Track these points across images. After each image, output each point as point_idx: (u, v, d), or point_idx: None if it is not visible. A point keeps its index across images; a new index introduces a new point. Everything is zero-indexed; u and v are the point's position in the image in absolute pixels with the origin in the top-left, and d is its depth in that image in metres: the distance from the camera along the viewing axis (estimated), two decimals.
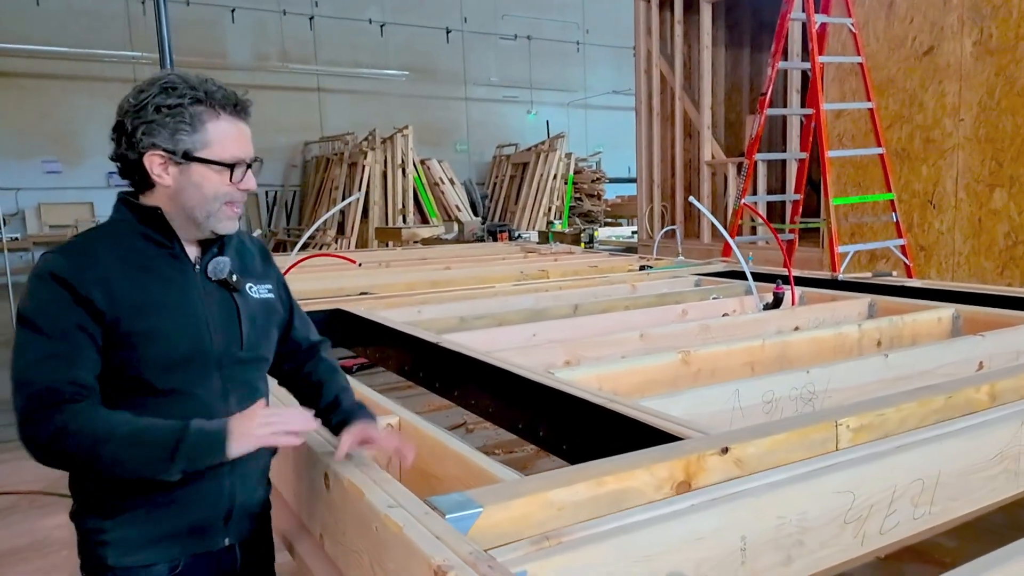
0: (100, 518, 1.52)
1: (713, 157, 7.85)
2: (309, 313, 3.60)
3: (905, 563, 2.96)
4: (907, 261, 5.32)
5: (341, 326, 3.51)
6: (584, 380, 2.23)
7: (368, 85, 17.05)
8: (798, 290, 3.63)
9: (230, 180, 1.52)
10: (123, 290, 1.45)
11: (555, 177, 14.32)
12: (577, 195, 14.68)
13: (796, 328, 3.13)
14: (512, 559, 1.12)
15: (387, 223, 13.59)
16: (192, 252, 1.59)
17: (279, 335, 1.75)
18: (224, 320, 1.57)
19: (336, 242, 13.90)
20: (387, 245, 10.61)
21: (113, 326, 1.43)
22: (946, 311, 3.10)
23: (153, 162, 1.48)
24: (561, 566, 1.13)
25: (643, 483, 1.43)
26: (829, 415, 1.69)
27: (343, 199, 14.22)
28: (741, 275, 3.76)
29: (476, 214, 11.46)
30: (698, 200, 6.28)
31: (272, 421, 1.43)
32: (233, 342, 1.57)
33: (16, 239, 15.47)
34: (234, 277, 1.61)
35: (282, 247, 14.88)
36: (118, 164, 1.53)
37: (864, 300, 3.47)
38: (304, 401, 1.75)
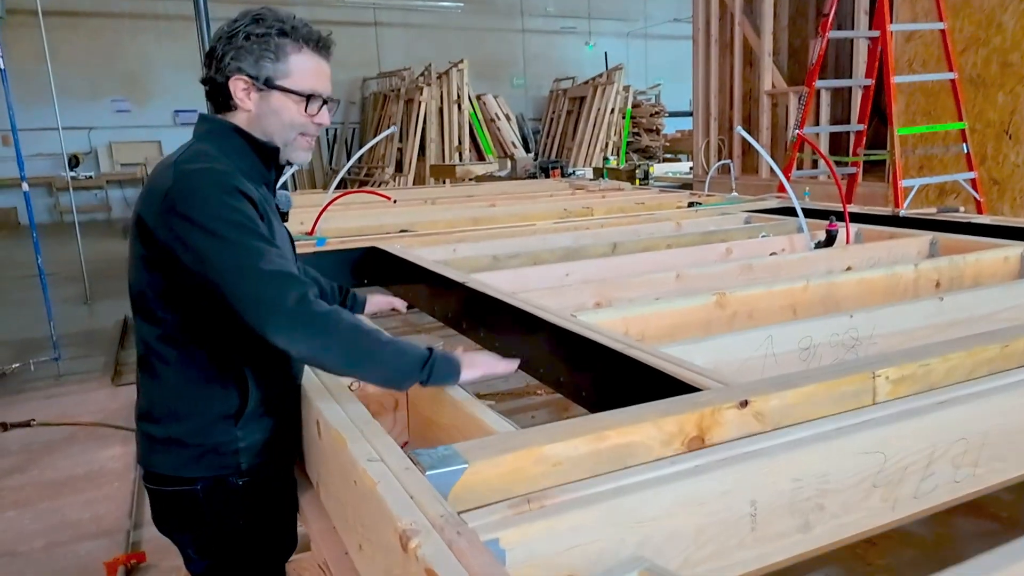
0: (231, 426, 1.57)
1: (774, 86, 7.43)
2: (346, 251, 3.59)
3: (956, 517, 2.79)
4: (978, 196, 4.97)
5: (377, 264, 3.44)
6: (609, 324, 2.10)
7: (424, 18, 16.76)
8: (854, 227, 3.39)
9: (305, 111, 1.60)
10: (264, 211, 1.54)
11: (612, 111, 13.91)
12: (635, 130, 14.26)
13: (848, 268, 2.92)
14: (486, 524, 1.02)
15: (444, 161, 13.47)
16: None
17: None
18: (290, 251, 1.71)
19: (394, 180, 13.87)
20: (444, 183, 10.51)
21: None
22: (1015, 250, 2.85)
23: (237, 86, 1.56)
24: (539, 532, 1.02)
25: (649, 438, 1.31)
26: (866, 365, 1.53)
27: (401, 136, 14.12)
28: (795, 211, 3.53)
29: (528, 151, 11.21)
30: (756, 134, 5.98)
31: (495, 357, 1.66)
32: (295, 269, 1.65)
33: (90, 177, 15.89)
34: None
35: (342, 185, 14.91)
36: (207, 86, 1.61)
37: (925, 238, 3.21)
38: None
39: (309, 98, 1.59)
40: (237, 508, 1.59)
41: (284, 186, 1.86)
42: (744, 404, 1.39)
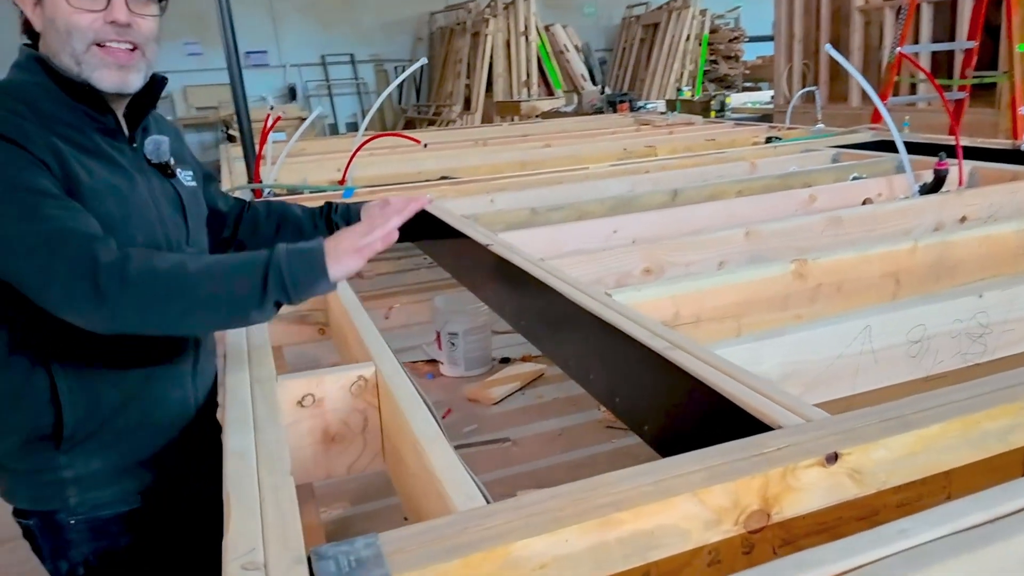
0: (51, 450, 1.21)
1: (867, 1, 6.56)
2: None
3: None
4: None
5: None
6: (654, 304, 1.63)
7: None
8: (967, 165, 2.77)
9: (68, 3, 1.15)
10: (70, 165, 1.13)
11: (688, 38, 12.93)
12: (712, 57, 13.27)
13: (962, 219, 2.34)
14: None
15: (512, 97, 12.85)
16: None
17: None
18: (170, 210, 1.34)
19: (461, 118, 13.37)
20: (512, 120, 9.97)
21: None
22: None
23: (25, 2, 1.19)
24: None
25: (685, 518, 0.86)
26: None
27: (467, 72, 13.54)
28: (892, 146, 2.92)
29: (595, 83, 10.48)
30: (846, 58, 5.24)
31: (371, 228, 1.18)
32: (180, 235, 1.35)
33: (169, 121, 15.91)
34: (172, 161, 1.37)
35: (411, 125, 14.51)
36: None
37: None
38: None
39: None
40: (70, 554, 1.24)
41: (179, 135, 1.44)
42: (832, 459, 0.92)
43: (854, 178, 2.86)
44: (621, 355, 1.38)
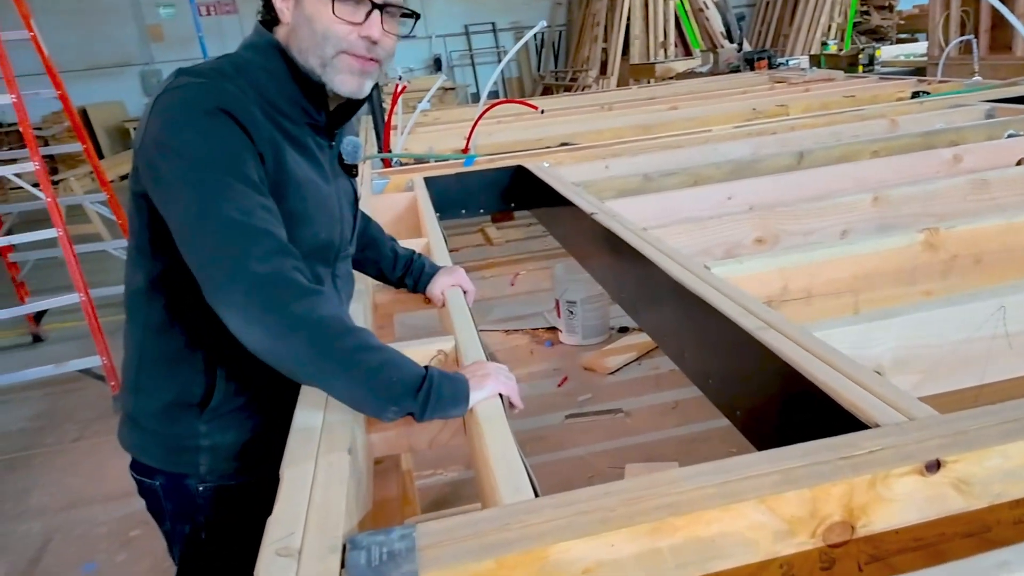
0: (194, 419, 1.22)
1: None
2: (491, 171, 3.12)
3: None
4: None
5: (521, 185, 2.94)
6: (758, 277, 1.48)
7: None
8: None
9: (334, 12, 1.13)
10: (283, 156, 1.15)
11: None
12: (863, 8, 12.24)
13: None
14: None
15: (648, 59, 12.42)
16: None
17: None
18: (347, 210, 1.35)
19: (597, 83, 13.09)
20: (647, 83, 9.63)
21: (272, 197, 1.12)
22: None
23: None
24: None
25: (751, 526, 0.75)
26: None
27: (603, 35, 13.21)
28: None
29: (732, 41, 9.86)
30: (1011, 4, 4.67)
31: (504, 375, 1.11)
32: (348, 234, 1.36)
33: None
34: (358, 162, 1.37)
35: (548, 91, 14.37)
36: None
37: None
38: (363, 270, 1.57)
39: None
40: (196, 518, 1.25)
41: (356, 133, 1.40)
42: (934, 467, 0.77)
43: (1009, 135, 2.52)
44: (713, 333, 1.26)
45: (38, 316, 4.88)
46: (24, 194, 4.31)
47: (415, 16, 1.25)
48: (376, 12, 1.16)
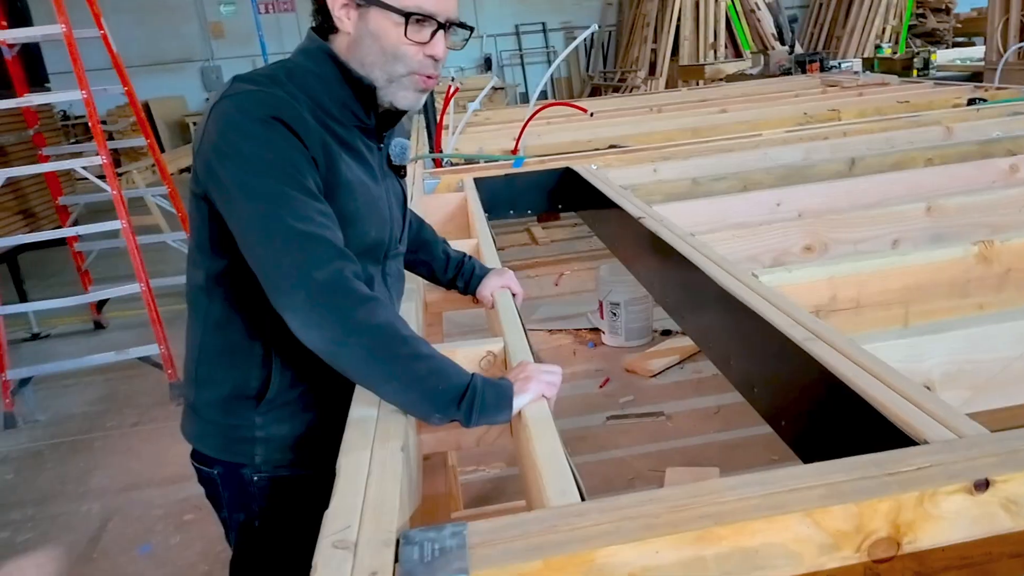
0: (250, 410, 1.26)
1: None
2: (540, 172, 3.13)
3: None
4: None
5: (569, 187, 2.95)
6: (807, 287, 1.47)
7: None
8: None
9: (405, 35, 1.16)
10: (335, 159, 1.19)
11: None
12: (919, 10, 11.92)
13: None
14: None
15: (698, 60, 12.28)
16: None
17: None
18: (397, 210, 1.37)
19: (645, 84, 12.99)
20: (696, 84, 9.53)
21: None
22: None
23: (336, 1, 1.19)
24: None
25: (796, 539, 0.75)
26: None
27: (653, 36, 13.11)
28: None
29: (783, 42, 9.69)
30: None
31: (550, 372, 1.12)
32: (398, 233, 1.37)
33: None
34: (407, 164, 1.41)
35: (597, 92, 14.30)
36: (314, 2, 1.25)
37: None
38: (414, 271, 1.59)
39: (410, 17, 1.15)
40: (251, 507, 1.30)
41: (407, 134, 1.40)
42: (983, 486, 0.77)
43: None
44: (759, 342, 1.26)
45: (100, 304, 5.04)
46: (90, 186, 4.44)
47: (471, 29, 1.27)
48: (440, 31, 1.18)
